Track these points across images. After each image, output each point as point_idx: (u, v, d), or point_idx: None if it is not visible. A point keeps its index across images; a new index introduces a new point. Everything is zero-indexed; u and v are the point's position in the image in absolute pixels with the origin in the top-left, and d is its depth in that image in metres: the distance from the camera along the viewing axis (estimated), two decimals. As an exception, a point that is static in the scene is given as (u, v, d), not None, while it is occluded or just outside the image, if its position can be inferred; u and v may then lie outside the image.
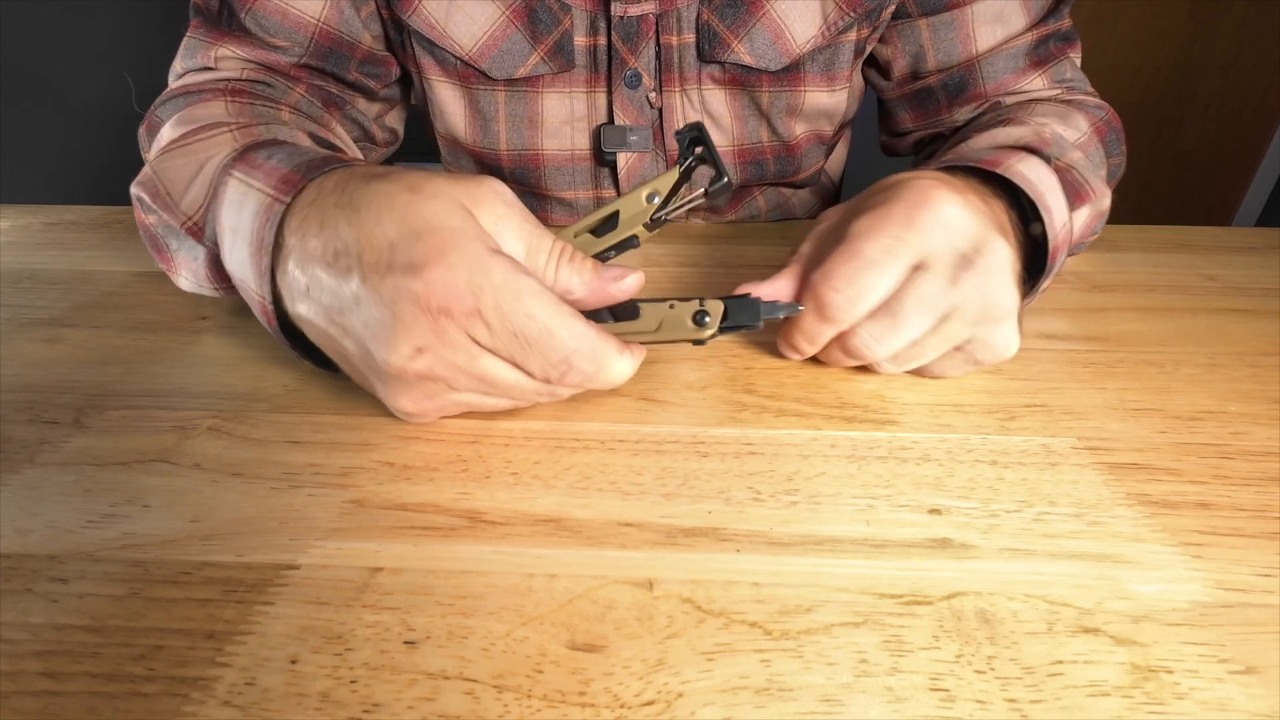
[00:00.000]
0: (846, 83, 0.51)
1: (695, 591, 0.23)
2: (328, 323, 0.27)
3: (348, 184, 0.27)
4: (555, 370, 0.26)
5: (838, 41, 0.49)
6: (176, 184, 0.33)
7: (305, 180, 0.28)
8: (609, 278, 0.28)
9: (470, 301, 0.24)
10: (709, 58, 0.48)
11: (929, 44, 0.48)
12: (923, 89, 0.50)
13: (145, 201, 0.34)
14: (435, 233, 0.25)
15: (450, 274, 0.24)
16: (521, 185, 0.55)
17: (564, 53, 0.47)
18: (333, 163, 0.29)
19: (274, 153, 0.30)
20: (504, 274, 0.25)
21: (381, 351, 0.26)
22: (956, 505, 0.26)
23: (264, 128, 0.36)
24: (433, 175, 0.26)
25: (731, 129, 0.52)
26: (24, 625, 0.21)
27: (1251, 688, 0.20)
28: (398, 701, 0.19)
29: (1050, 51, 0.47)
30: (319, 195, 0.27)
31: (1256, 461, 0.29)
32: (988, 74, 0.47)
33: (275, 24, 0.44)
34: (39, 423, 0.30)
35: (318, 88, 0.46)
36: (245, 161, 0.30)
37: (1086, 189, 0.40)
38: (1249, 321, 0.40)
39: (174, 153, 0.34)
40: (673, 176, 0.31)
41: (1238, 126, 1.71)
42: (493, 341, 0.26)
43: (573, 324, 0.26)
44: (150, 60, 0.51)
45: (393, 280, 0.25)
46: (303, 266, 0.27)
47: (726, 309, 0.30)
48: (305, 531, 0.25)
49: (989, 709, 0.19)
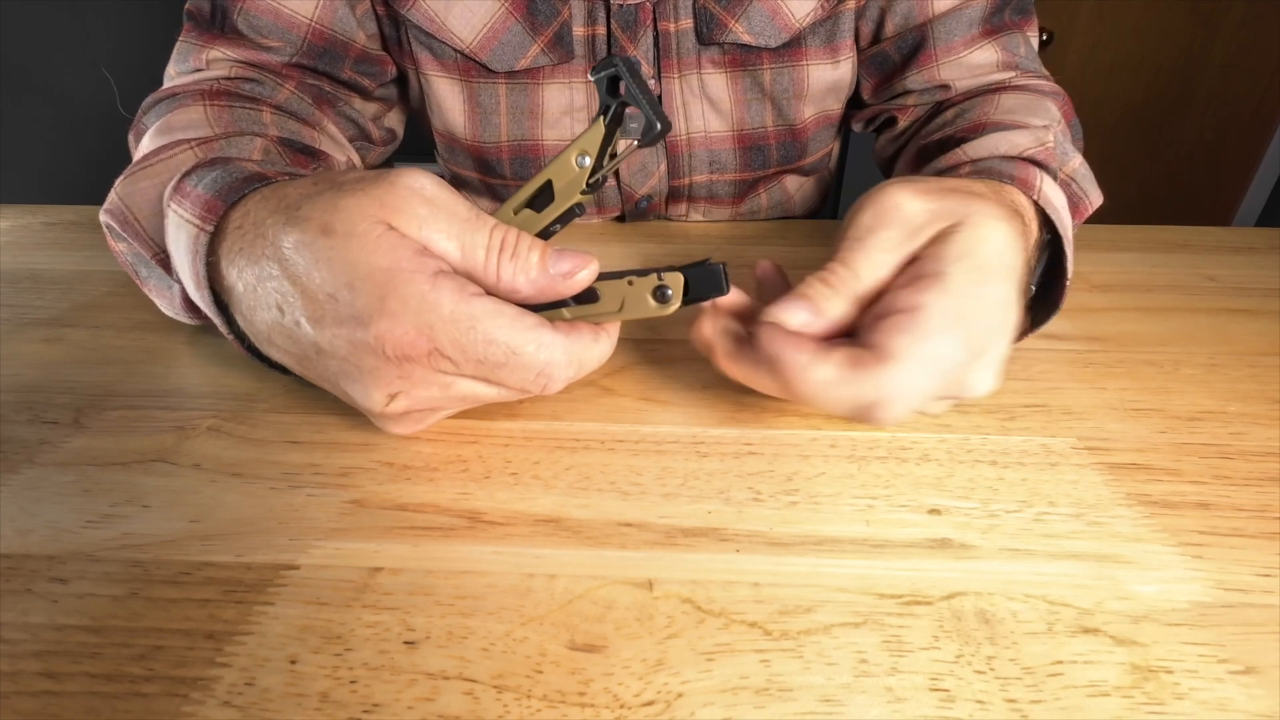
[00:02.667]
0: (850, 52, 0.51)
1: (695, 591, 0.23)
2: (301, 368, 0.27)
3: (265, 225, 0.25)
4: (535, 384, 0.26)
5: (838, 11, 0.49)
6: (143, 209, 0.33)
7: (227, 205, 0.27)
8: (559, 274, 0.25)
9: (424, 344, 0.23)
10: (707, 40, 0.48)
11: (888, 6, 0.49)
12: (880, 52, 0.51)
13: (115, 230, 0.34)
14: (367, 279, 0.23)
15: (396, 323, 0.23)
16: (521, 179, 0.55)
17: (563, 43, 0.48)
18: (254, 182, 0.28)
19: (203, 177, 0.29)
20: (452, 304, 0.23)
21: (358, 399, 0.26)
22: (956, 505, 0.26)
23: (225, 141, 0.35)
24: (340, 195, 0.24)
25: (731, 114, 0.52)
26: (23, 625, 0.21)
27: (1251, 688, 0.20)
28: (397, 701, 0.19)
29: (1004, 22, 0.47)
30: (242, 240, 0.26)
31: (1256, 461, 0.29)
32: (939, 35, 0.47)
33: (268, 24, 0.44)
34: (39, 423, 0.30)
35: (310, 86, 0.46)
36: (179, 191, 0.29)
37: (1085, 202, 0.39)
38: (1249, 321, 0.40)
39: (139, 174, 0.33)
40: (599, 131, 0.27)
41: (1238, 126, 1.70)
42: (461, 370, 0.25)
43: (538, 335, 0.25)
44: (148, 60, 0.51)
45: (344, 334, 0.24)
46: (256, 315, 0.26)
47: (687, 281, 0.26)
48: (305, 531, 0.25)
49: (989, 709, 0.19)
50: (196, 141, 0.34)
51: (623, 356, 0.35)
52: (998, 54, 0.47)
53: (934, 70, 0.48)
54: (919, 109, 0.51)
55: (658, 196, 0.55)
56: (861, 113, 0.55)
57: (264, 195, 0.27)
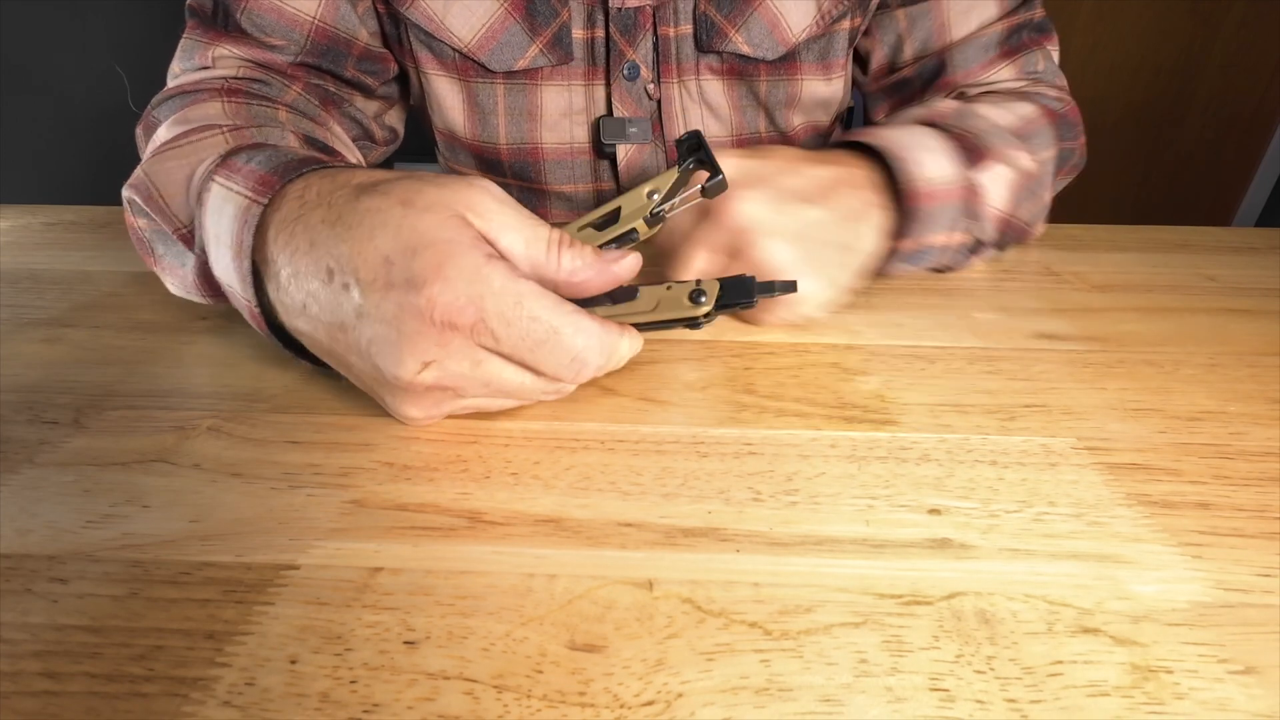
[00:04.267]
0: (842, 71, 0.52)
1: (695, 591, 0.23)
2: (330, 339, 0.27)
3: (333, 198, 0.27)
4: (568, 370, 0.27)
5: (832, 30, 0.49)
6: (169, 187, 0.33)
7: (283, 182, 0.28)
8: (610, 259, 0.28)
9: (473, 313, 0.25)
10: (707, 48, 0.48)
11: (906, 34, 0.49)
12: (899, 80, 0.51)
13: (137, 204, 0.34)
14: (430, 247, 0.24)
15: (450, 287, 0.24)
16: (521, 179, 0.55)
17: (562, 45, 0.48)
18: (311, 163, 0.29)
19: (253, 155, 0.30)
20: (503, 280, 0.25)
21: (389, 366, 0.26)
22: (956, 505, 0.26)
23: (256, 130, 0.36)
24: (423, 185, 0.26)
25: (729, 119, 0.52)
26: (23, 625, 0.21)
27: (1251, 688, 0.20)
28: (397, 701, 0.19)
29: (1022, 42, 0.47)
30: (302, 209, 0.27)
31: (1256, 461, 0.29)
32: (958, 62, 0.48)
33: (271, 23, 0.44)
34: (39, 423, 0.30)
35: (315, 86, 0.46)
36: (227, 166, 0.30)
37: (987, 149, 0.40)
38: (1249, 321, 0.40)
39: (167, 154, 0.34)
40: (672, 175, 0.32)
41: (1238, 126, 1.71)
42: (500, 347, 0.26)
43: (577, 320, 0.26)
44: (149, 59, 0.51)
45: (394, 297, 0.25)
46: (296, 283, 0.26)
47: (722, 288, 0.31)
48: (305, 531, 0.25)
49: (989, 709, 0.19)
50: (228, 128, 0.35)
51: (623, 356, 0.35)
52: (1015, 73, 0.48)
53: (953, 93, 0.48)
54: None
55: None
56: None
57: (327, 174, 0.28)
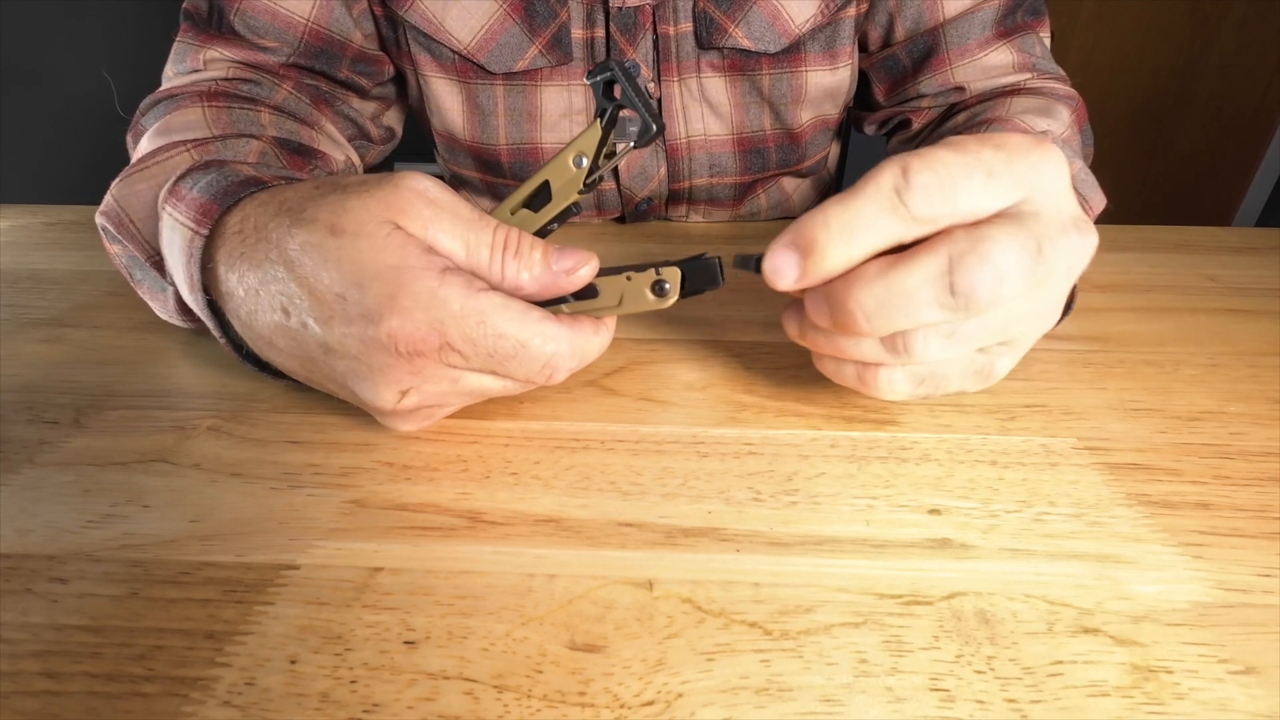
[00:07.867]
0: (849, 59, 0.51)
1: (695, 591, 0.23)
2: (305, 370, 0.27)
3: (269, 231, 0.25)
4: (541, 375, 0.26)
5: (837, 18, 0.49)
6: (140, 211, 0.33)
7: (222, 210, 0.27)
8: (561, 270, 0.26)
9: (436, 339, 0.24)
10: (707, 45, 0.48)
11: (896, 11, 0.49)
12: (890, 56, 0.51)
13: (110, 232, 0.34)
14: (377, 278, 0.23)
15: (408, 319, 0.23)
16: (522, 179, 0.55)
17: (562, 45, 0.47)
18: (251, 186, 0.28)
19: (199, 179, 0.29)
20: (461, 300, 0.24)
21: (369, 398, 0.26)
22: (956, 505, 0.26)
23: (221, 143, 0.35)
24: (346, 200, 0.24)
25: (731, 117, 0.52)
26: (23, 625, 0.21)
27: (1251, 688, 0.20)
28: (397, 701, 0.19)
29: (1018, 23, 0.47)
30: (243, 245, 0.26)
31: (1256, 461, 0.29)
32: (952, 39, 0.47)
33: (264, 25, 0.44)
34: (39, 423, 0.30)
35: (307, 85, 0.46)
36: (174, 194, 0.29)
37: (1087, 206, 0.39)
38: (1249, 321, 0.40)
39: (135, 176, 0.33)
40: (595, 133, 0.28)
41: (1237, 126, 1.70)
42: (470, 365, 0.25)
43: (544, 328, 0.25)
44: (149, 59, 0.50)
45: (355, 332, 0.24)
46: (257, 319, 0.26)
47: (684, 275, 0.27)
48: (305, 531, 0.25)
49: (989, 709, 0.19)
50: (193, 143, 0.34)
51: (623, 356, 0.35)
52: (1014, 55, 0.47)
53: (948, 74, 0.48)
54: (933, 111, 0.50)
55: (658, 199, 0.55)
56: (875, 115, 0.55)
57: (262, 200, 0.27)
